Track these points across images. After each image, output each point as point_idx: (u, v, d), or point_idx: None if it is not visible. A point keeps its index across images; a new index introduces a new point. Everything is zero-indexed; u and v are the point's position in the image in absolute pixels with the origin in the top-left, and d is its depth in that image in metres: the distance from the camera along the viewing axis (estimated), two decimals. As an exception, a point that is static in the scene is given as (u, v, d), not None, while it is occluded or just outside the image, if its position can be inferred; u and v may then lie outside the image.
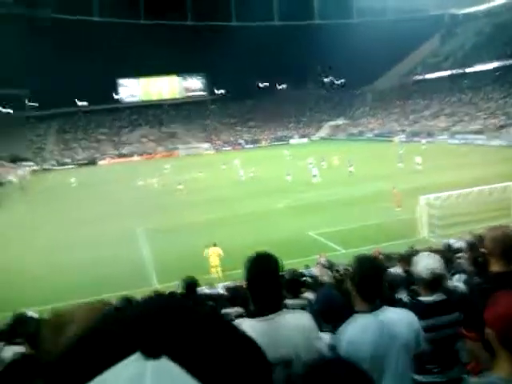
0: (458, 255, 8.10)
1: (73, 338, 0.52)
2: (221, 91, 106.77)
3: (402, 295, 4.79)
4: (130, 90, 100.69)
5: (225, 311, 5.51)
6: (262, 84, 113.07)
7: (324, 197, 27.33)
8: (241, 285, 7.63)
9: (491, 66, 69.66)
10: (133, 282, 14.79)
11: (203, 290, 8.60)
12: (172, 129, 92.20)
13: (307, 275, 9.10)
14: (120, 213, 28.61)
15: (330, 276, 7.90)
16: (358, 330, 2.42)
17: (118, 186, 41.72)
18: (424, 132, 62.93)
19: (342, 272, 8.69)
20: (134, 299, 5.81)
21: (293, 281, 5.19)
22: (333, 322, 2.89)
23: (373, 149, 55.52)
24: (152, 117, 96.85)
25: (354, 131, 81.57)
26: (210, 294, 8.05)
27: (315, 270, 10.33)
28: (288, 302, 4.66)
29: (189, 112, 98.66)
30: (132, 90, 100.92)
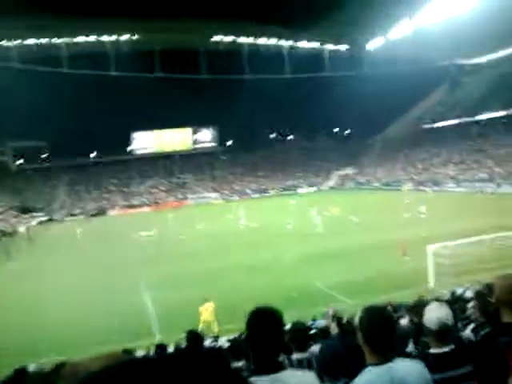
0: (469, 305, 7.85)
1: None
2: (230, 142, 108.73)
3: (412, 347, 4.60)
4: (142, 142, 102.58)
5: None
6: (272, 135, 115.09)
7: (329, 247, 27.01)
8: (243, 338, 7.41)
9: (498, 114, 70.72)
10: (135, 334, 14.56)
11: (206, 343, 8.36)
12: (182, 179, 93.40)
13: (314, 327, 8.84)
14: (124, 263, 28.64)
15: (337, 328, 7.66)
16: (369, 382, 2.34)
17: (124, 237, 41.88)
18: (432, 180, 63.12)
19: (349, 324, 8.42)
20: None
21: (299, 333, 5.03)
22: (335, 374, 2.77)
23: (380, 198, 55.53)
24: (162, 168, 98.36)
25: (362, 180, 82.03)
26: (213, 347, 7.82)
27: (323, 322, 10.04)
28: (294, 355, 4.51)
29: (199, 162, 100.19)
30: (145, 142, 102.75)
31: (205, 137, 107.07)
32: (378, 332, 2.45)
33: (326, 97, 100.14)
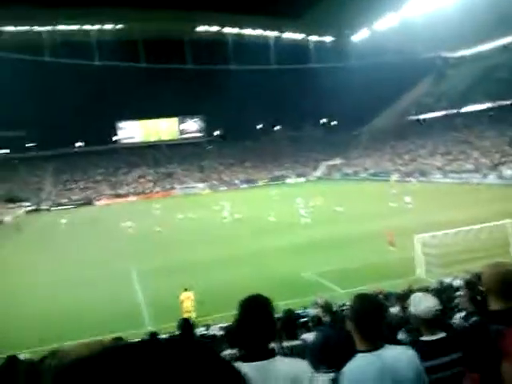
0: (457, 294, 7.99)
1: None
2: (217, 132, 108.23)
3: (403, 336, 4.67)
4: (128, 131, 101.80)
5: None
6: (259, 125, 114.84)
7: (316, 237, 27.03)
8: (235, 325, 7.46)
9: (483, 106, 71.42)
10: (126, 323, 14.55)
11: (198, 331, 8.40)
12: (169, 169, 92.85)
13: (304, 316, 8.93)
14: (113, 253, 28.54)
15: (328, 316, 7.74)
16: (359, 369, 2.37)
17: (110, 227, 41.75)
18: (419, 171, 63.67)
19: (340, 312, 8.53)
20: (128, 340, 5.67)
21: (289, 322, 5.08)
22: (328, 362, 2.81)
23: (367, 188, 55.86)
24: (150, 158, 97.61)
25: (350, 171, 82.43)
26: (205, 335, 7.87)
27: (312, 311, 10.13)
28: (285, 343, 4.56)
29: (186, 153, 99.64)
30: (131, 131, 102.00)
31: (191, 127, 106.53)
32: (369, 319, 2.48)
33: (312, 88, 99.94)
